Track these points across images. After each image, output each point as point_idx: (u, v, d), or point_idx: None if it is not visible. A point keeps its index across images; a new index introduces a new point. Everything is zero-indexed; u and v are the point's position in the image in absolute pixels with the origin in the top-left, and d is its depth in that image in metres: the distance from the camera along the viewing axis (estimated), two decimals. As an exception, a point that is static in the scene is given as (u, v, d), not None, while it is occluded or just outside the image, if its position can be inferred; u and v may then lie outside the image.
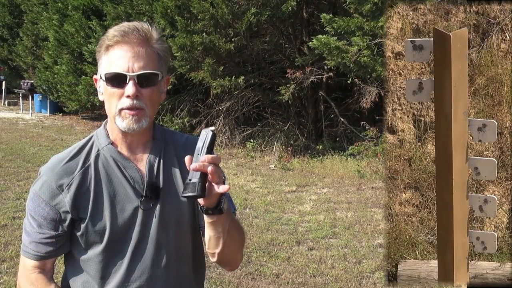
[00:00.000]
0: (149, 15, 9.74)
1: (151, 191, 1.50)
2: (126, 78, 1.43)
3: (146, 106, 1.45)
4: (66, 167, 1.49)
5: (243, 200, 6.45)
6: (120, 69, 1.43)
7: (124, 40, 1.44)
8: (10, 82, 17.87)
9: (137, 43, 1.44)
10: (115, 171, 1.51)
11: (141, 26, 1.47)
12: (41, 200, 1.48)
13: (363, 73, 7.91)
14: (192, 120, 10.48)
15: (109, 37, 1.45)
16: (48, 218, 1.49)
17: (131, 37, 1.44)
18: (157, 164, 1.54)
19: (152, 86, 1.46)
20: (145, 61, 1.44)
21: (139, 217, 1.50)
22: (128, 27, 1.46)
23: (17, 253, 4.56)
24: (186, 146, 1.58)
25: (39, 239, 1.50)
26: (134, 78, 1.43)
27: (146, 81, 1.45)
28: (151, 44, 1.47)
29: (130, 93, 1.42)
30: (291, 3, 8.73)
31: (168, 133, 1.63)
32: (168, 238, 1.52)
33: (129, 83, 1.43)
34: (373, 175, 7.50)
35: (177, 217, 1.54)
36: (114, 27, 1.48)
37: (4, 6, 16.67)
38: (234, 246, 1.53)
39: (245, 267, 4.42)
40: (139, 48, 1.44)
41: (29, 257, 1.52)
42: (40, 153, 9.06)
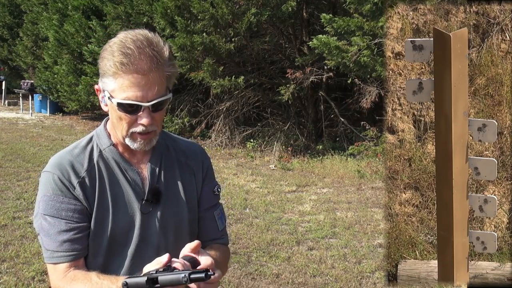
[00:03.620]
0: (149, 15, 9.74)
1: (152, 195, 1.51)
2: (141, 108, 1.39)
3: (157, 127, 1.46)
4: (72, 166, 1.48)
5: (243, 200, 6.45)
6: (133, 98, 1.37)
7: (134, 69, 1.35)
8: (10, 82, 17.86)
9: (148, 69, 1.36)
10: (117, 173, 1.51)
11: (151, 47, 1.37)
12: (62, 197, 1.46)
13: (363, 73, 7.91)
14: (192, 120, 10.48)
15: (116, 63, 1.36)
16: (76, 210, 1.46)
17: (141, 64, 1.35)
18: (158, 169, 1.54)
19: (163, 109, 1.44)
20: (158, 87, 1.39)
21: (139, 220, 1.50)
22: (137, 49, 1.35)
23: (17, 253, 4.56)
24: (187, 153, 1.61)
25: (72, 235, 1.46)
26: (149, 107, 1.39)
27: (158, 107, 1.42)
28: (163, 67, 1.39)
29: (146, 123, 1.40)
30: (291, 3, 8.73)
31: (169, 137, 1.63)
32: (167, 242, 1.53)
33: (144, 112, 1.40)
34: (373, 175, 7.50)
35: (176, 222, 1.55)
36: (119, 46, 1.37)
37: (4, 6, 16.66)
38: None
39: (245, 267, 4.42)
40: (150, 75, 1.36)
41: (63, 261, 1.46)
42: (40, 153, 9.05)
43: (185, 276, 1.29)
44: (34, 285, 4.01)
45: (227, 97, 10.03)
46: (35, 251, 4.56)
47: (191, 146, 1.65)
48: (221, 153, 9.50)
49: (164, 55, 1.40)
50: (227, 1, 8.65)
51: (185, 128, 10.28)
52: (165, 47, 1.41)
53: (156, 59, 1.37)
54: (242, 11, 8.79)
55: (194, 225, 1.60)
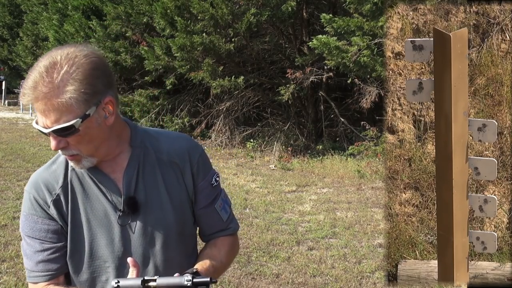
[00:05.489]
0: (149, 15, 9.74)
1: (128, 206, 1.45)
2: (47, 133, 1.36)
3: (79, 151, 1.38)
4: (47, 185, 1.45)
5: (243, 200, 6.45)
6: (40, 123, 1.35)
7: (33, 97, 1.32)
8: (10, 82, 17.88)
9: (44, 97, 1.31)
10: (91, 187, 1.45)
11: (47, 74, 1.32)
12: (36, 217, 1.44)
13: (363, 73, 7.91)
14: (192, 120, 10.48)
15: (22, 94, 1.34)
16: (50, 230, 1.44)
17: (37, 91, 1.31)
18: (136, 175, 1.47)
19: (74, 134, 1.34)
20: (56, 115, 1.32)
21: (117, 233, 1.45)
22: (34, 80, 1.33)
23: (17, 253, 4.56)
24: (171, 151, 1.51)
25: (46, 256, 1.44)
26: (51, 133, 1.34)
27: (64, 132, 1.34)
28: (61, 92, 1.31)
29: (52, 147, 1.37)
30: (291, 3, 8.73)
31: (150, 137, 1.53)
32: (153, 250, 1.48)
33: (51, 137, 1.36)
34: (373, 175, 7.50)
35: (163, 228, 1.48)
36: (31, 69, 1.38)
37: (4, 6, 16.69)
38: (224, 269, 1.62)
39: (245, 267, 4.42)
40: (46, 103, 1.31)
41: (40, 280, 1.45)
42: (40, 153, 9.05)
43: (188, 280, 1.24)
44: (34, 285, 4.01)
45: (227, 97, 10.04)
46: (35, 251, 4.56)
47: (175, 142, 1.54)
48: (221, 153, 9.51)
49: (63, 79, 1.32)
50: (227, 1, 8.66)
51: (185, 128, 10.28)
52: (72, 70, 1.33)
53: (52, 86, 1.31)
54: (242, 11, 8.79)
55: (184, 225, 1.53)
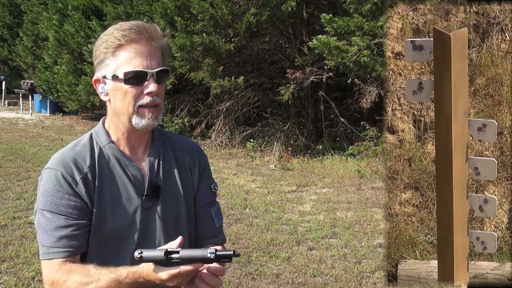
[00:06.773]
0: (149, 15, 9.74)
1: (152, 190, 1.53)
2: (147, 76, 1.45)
3: (161, 101, 1.50)
4: (75, 163, 1.49)
5: (243, 200, 6.45)
6: (139, 66, 1.44)
7: (136, 39, 1.45)
8: (10, 82, 17.87)
9: (148, 41, 1.46)
10: (118, 170, 1.52)
11: (147, 25, 1.48)
12: (63, 193, 1.46)
13: (363, 73, 7.91)
14: (192, 120, 10.47)
15: (117, 37, 1.45)
16: (76, 207, 1.46)
17: (141, 36, 1.45)
18: (157, 164, 1.56)
19: (165, 82, 1.50)
20: (159, 58, 1.48)
21: (139, 216, 1.52)
22: (136, 25, 1.47)
23: (17, 253, 4.56)
24: (184, 150, 1.64)
25: (70, 231, 1.45)
26: (154, 75, 1.45)
27: (165, 74, 1.49)
28: (159, 41, 1.48)
29: (153, 90, 1.45)
30: (291, 3, 8.72)
31: (165, 134, 1.66)
32: (167, 236, 1.54)
33: (150, 80, 1.45)
34: (373, 175, 7.50)
35: (175, 216, 1.57)
36: (116, 27, 1.48)
37: (4, 6, 16.66)
38: None
39: (245, 267, 4.42)
40: (151, 46, 1.46)
41: (58, 257, 1.45)
42: (40, 153, 9.05)
43: (212, 252, 1.28)
44: (34, 285, 4.01)
45: (227, 97, 10.03)
46: (35, 251, 4.55)
47: (187, 143, 1.68)
48: (221, 153, 9.51)
49: (158, 31, 1.49)
50: (227, 1, 8.65)
51: (185, 128, 10.28)
52: (156, 26, 1.51)
53: (153, 33, 1.48)
54: (242, 11, 8.79)
55: (191, 221, 1.62)
